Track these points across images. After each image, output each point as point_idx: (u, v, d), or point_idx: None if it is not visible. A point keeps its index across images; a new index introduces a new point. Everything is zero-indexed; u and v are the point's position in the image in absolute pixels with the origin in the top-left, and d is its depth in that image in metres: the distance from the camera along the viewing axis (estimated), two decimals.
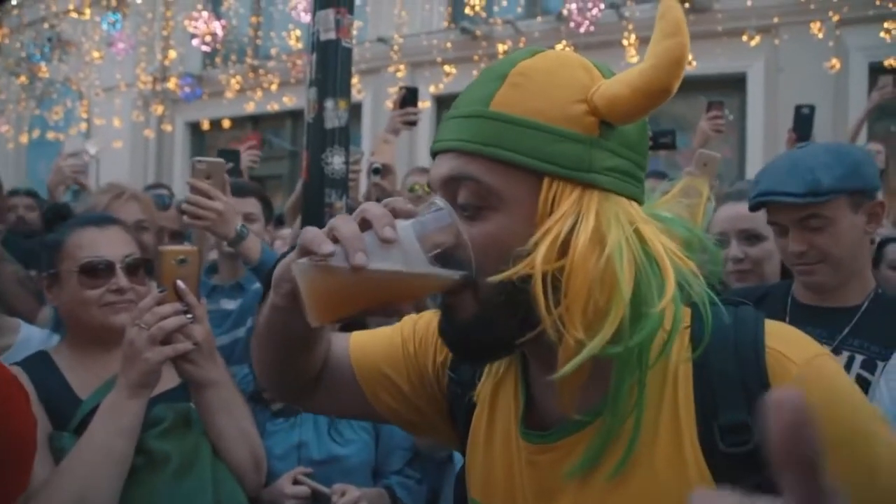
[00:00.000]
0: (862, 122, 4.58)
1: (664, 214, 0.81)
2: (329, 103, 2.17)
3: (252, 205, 2.53)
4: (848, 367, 1.55)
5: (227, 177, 1.98)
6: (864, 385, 1.51)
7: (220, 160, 1.99)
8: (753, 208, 1.70)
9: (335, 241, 0.72)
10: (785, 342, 0.77)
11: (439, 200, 0.78)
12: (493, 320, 0.78)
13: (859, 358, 1.56)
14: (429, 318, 1.04)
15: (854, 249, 1.61)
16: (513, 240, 0.75)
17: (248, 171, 3.42)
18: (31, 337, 2.06)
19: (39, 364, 1.58)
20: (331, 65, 2.19)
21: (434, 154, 0.83)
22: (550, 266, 0.73)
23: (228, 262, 2.49)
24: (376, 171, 2.75)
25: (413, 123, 2.91)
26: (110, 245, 1.62)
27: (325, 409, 1.29)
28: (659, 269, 0.74)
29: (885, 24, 6.85)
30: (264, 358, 1.01)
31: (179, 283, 1.48)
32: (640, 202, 0.80)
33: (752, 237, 2.07)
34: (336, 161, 2.16)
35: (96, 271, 1.58)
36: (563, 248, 0.73)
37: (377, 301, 0.77)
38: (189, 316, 1.46)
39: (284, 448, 1.92)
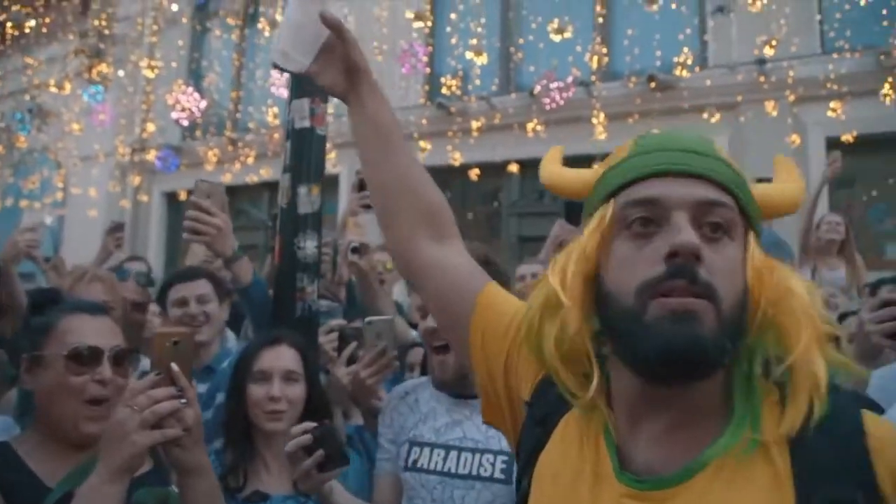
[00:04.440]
0: (816, 196, 4.76)
1: None
2: (302, 189, 2.24)
3: (203, 286, 2.54)
4: None
5: (225, 198, 2.08)
6: None
7: (220, 182, 2.11)
8: None
9: None
10: (882, 425, 0.84)
11: None
12: (724, 339, 0.84)
13: None
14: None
15: None
16: (738, 270, 0.87)
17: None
18: None
19: None
20: (305, 152, 2.27)
21: (652, 175, 0.90)
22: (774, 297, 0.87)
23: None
24: (355, 251, 2.78)
25: (370, 206, 2.94)
26: (100, 334, 1.60)
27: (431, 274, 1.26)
28: None
29: (831, 104, 7.21)
30: None
31: (174, 366, 1.44)
32: None
33: None
34: (309, 245, 2.22)
35: (83, 358, 1.57)
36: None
37: None
38: (183, 400, 1.42)
39: None
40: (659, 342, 0.82)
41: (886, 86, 6.80)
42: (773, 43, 7.40)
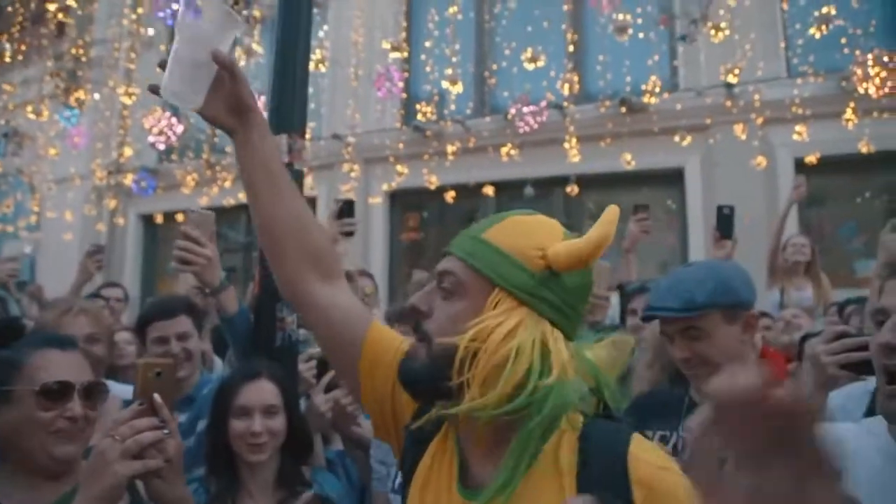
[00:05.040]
0: (783, 219, 4.92)
1: (585, 353, 1.12)
2: None
3: (183, 323, 2.50)
4: None
5: (214, 228, 2.12)
6: None
7: (210, 213, 2.14)
8: (645, 319, 1.92)
9: None
10: (644, 451, 1.07)
11: None
12: (434, 371, 1.09)
13: None
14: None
15: (731, 355, 1.79)
16: (464, 320, 1.08)
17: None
18: None
19: None
20: None
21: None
22: (473, 345, 1.06)
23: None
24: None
25: (350, 234, 2.97)
26: (71, 369, 1.58)
27: (316, 310, 1.37)
28: (549, 373, 1.04)
29: (797, 128, 7.44)
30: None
31: (157, 396, 1.43)
32: (567, 334, 1.11)
33: None
34: None
35: (53, 394, 1.53)
36: (485, 336, 1.06)
37: None
38: (165, 431, 1.42)
39: None
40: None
41: (849, 111, 7.02)
42: (737, 71, 7.62)
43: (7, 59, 8.94)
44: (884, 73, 6.36)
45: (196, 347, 2.52)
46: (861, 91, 6.66)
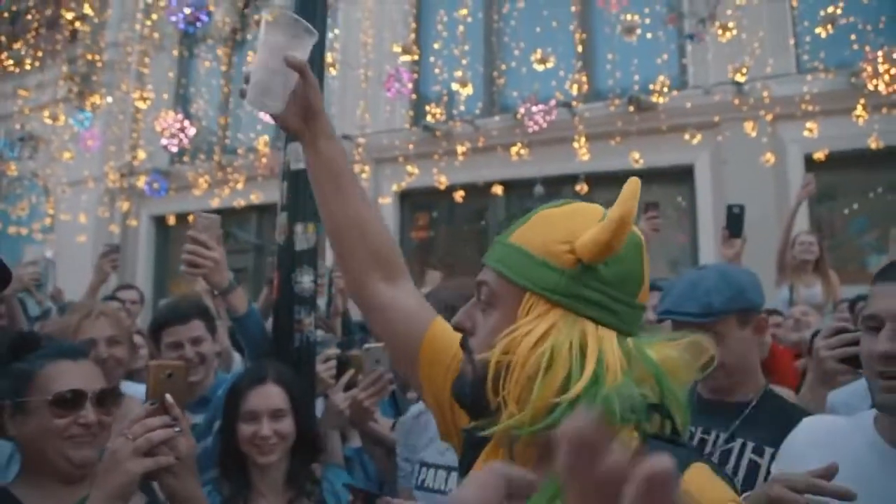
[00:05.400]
0: (792, 216, 4.94)
1: (648, 353, 0.97)
2: (299, 227, 2.36)
3: (197, 328, 2.55)
4: (741, 452, 1.80)
5: (221, 231, 2.17)
6: (755, 468, 1.75)
7: (217, 217, 2.19)
8: (660, 320, 1.98)
9: None
10: (698, 486, 0.86)
11: None
12: (478, 390, 1.00)
13: (750, 444, 1.80)
14: None
15: (743, 357, 1.89)
16: (501, 332, 0.99)
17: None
18: None
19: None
20: (301, 192, 2.39)
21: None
22: (505, 358, 0.96)
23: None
24: None
25: None
26: (83, 378, 1.63)
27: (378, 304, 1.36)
28: (602, 378, 0.91)
29: (807, 124, 7.44)
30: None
31: (168, 397, 1.49)
32: (622, 330, 0.98)
33: None
34: (305, 280, 2.34)
35: (67, 402, 1.58)
36: (515, 346, 0.96)
37: None
38: (177, 429, 1.47)
39: None
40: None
41: (859, 107, 7.02)
42: (744, 70, 7.63)
43: (27, 67, 9.05)
44: (894, 70, 6.36)
45: (210, 351, 2.57)
46: (871, 88, 6.67)
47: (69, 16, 8.13)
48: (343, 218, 1.34)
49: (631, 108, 8.54)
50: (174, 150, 9.45)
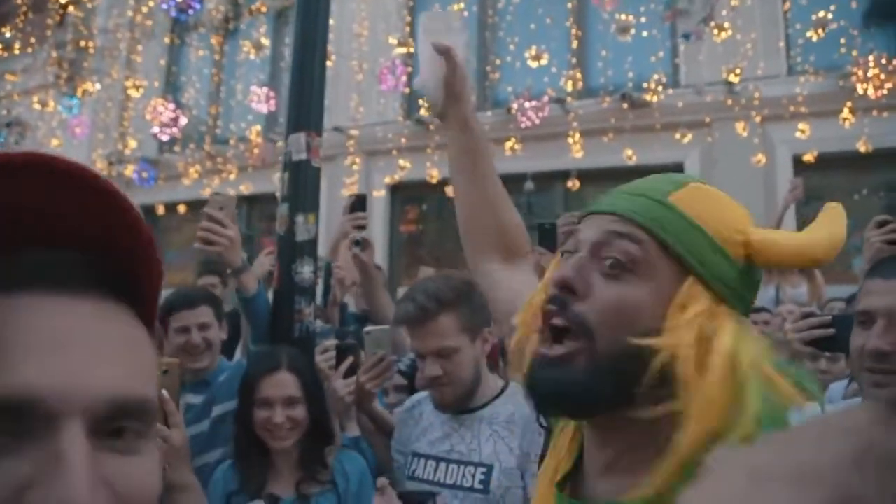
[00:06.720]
0: (780, 219, 5.00)
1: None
2: (300, 218, 2.37)
3: (205, 313, 2.56)
4: None
5: (235, 211, 2.20)
6: None
7: (233, 195, 2.23)
8: None
9: None
10: None
11: None
12: (600, 382, 0.81)
13: None
14: None
15: None
16: (640, 312, 0.81)
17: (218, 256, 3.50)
18: None
19: None
20: (301, 183, 2.40)
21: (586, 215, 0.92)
22: (692, 353, 0.77)
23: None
24: (357, 244, 2.84)
25: (363, 227, 3.01)
26: None
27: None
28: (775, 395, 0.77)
29: (800, 126, 7.52)
30: None
31: (164, 392, 1.57)
32: None
33: None
34: (305, 270, 2.35)
35: None
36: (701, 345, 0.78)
37: None
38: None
39: None
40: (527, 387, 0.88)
41: (846, 110, 7.10)
42: (738, 71, 7.70)
43: (15, 51, 8.96)
44: (883, 76, 6.44)
45: (216, 337, 2.59)
46: (861, 92, 6.75)
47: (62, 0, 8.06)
48: (473, 197, 1.36)
49: (624, 106, 8.59)
50: (165, 139, 9.40)
